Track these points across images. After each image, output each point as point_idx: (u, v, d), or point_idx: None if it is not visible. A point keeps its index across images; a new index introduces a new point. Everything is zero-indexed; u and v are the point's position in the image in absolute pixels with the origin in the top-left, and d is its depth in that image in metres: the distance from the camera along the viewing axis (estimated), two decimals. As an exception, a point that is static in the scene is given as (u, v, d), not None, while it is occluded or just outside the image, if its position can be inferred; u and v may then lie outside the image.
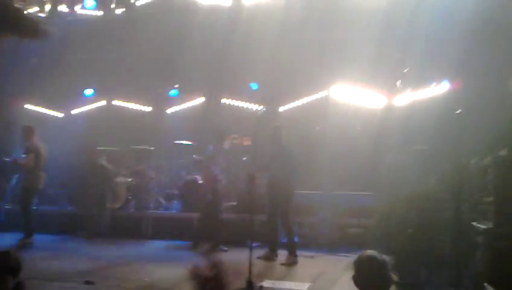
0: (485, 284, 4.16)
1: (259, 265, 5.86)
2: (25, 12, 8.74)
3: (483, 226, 4.57)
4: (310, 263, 6.81)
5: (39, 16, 10.79)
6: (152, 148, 10.37)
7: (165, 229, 8.89)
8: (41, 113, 11.91)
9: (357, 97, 9.65)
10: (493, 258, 4.20)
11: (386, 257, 3.04)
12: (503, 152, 4.94)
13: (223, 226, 8.02)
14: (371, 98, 9.55)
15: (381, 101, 9.41)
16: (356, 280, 2.89)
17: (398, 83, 8.14)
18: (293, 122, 9.37)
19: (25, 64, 11.34)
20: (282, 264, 6.70)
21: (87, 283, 5.33)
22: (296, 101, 10.59)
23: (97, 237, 8.55)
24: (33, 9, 10.99)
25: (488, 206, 4.77)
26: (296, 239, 7.62)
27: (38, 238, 8.10)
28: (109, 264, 6.58)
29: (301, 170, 7.19)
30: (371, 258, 2.98)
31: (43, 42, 11.03)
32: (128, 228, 8.98)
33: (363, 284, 2.91)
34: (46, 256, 7.05)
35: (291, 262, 6.68)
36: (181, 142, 10.26)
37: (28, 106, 11.78)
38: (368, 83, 9.44)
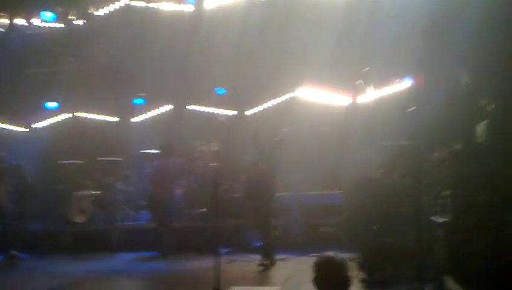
0: (444, 276, 4.24)
1: (228, 272, 5.80)
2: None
3: (441, 220, 4.67)
4: (280, 265, 6.81)
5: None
6: (119, 159, 10.22)
7: (135, 241, 8.76)
8: (3, 129, 11.58)
9: (322, 97, 9.75)
10: (451, 250, 4.29)
11: (344, 257, 3.07)
12: (458, 145, 5.07)
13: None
14: (336, 98, 9.67)
15: (346, 100, 9.53)
16: (316, 282, 2.91)
17: (358, 82, 8.26)
18: (260, 126, 9.40)
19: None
20: (259, 265, 6.67)
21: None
22: (264, 104, 10.63)
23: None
24: (-11, 23, 10.75)
25: (446, 200, 4.87)
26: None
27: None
28: (80, 280, 6.47)
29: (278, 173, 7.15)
30: (329, 259, 2.99)
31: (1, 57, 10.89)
32: (97, 241, 8.81)
33: (323, 285, 2.93)
34: (9, 275, 6.87)
35: (268, 265, 6.64)
36: (148, 151, 10.14)
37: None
38: (332, 83, 9.55)
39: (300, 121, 9.35)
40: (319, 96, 9.84)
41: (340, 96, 9.63)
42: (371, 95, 9.05)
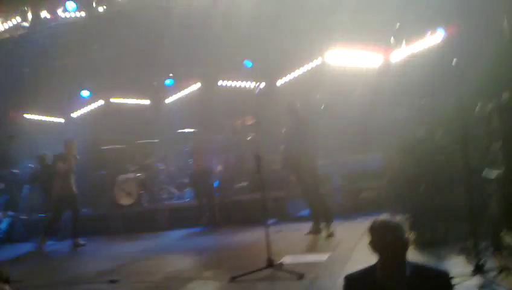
0: (501, 232, 4.15)
1: (277, 242, 5.84)
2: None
3: (493, 174, 4.54)
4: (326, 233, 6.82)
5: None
6: (156, 140, 10.38)
7: (181, 219, 8.97)
8: (42, 121, 11.91)
9: (352, 60, 9.53)
10: (507, 204, 4.18)
11: (399, 219, 3.04)
12: (505, 95, 4.87)
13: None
14: (366, 59, 9.42)
15: (377, 60, 9.28)
16: (373, 246, 2.89)
17: (392, 39, 8.01)
18: (292, 95, 9.30)
19: (17, 75, 11.30)
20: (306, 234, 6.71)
21: (112, 282, 5.38)
22: (293, 73, 10.49)
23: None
24: (15, 20, 10.90)
25: (496, 153, 4.72)
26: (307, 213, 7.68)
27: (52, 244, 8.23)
28: (130, 261, 6.64)
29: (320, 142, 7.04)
30: (385, 223, 2.97)
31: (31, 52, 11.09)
32: (145, 222, 9.07)
33: (380, 249, 2.91)
34: (66, 260, 7.16)
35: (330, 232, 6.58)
36: (184, 130, 10.25)
37: (28, 116, 11.78)
38: (362, 42, 9.28)
39: (332, 86, 9.20)
40: (348, 58, 9.62)
41: (371, 55, 9.38)
42: (403, 51, 8.79)
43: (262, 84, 10.01)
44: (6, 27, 10.94)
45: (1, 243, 8.83)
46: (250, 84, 10.81)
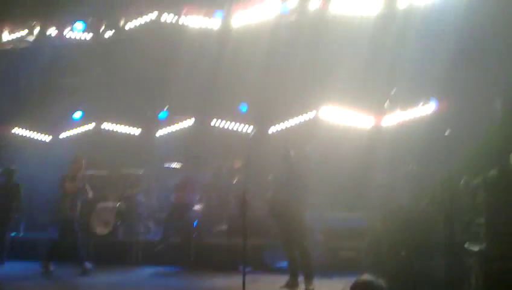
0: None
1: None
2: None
3: (475, 248, 4.54)
4: (302, 287, 6.67)
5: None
6: (141, 172, 10.26)
7: (155, 255, 8.71)
8: (28, 137, 11.75)
9: (345, 118, 9.70)
10: (486, 280, 4.16)
11: (382, 282, 2.99)
12: (493, 172, 4.95)
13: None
14: (359, 119, 9.60)
15: (370, 122, 9.46)
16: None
17: (386, 104, 8.20)
18: (283, 144, 9.36)
19: (13, 87, 11.27)
20: (281, 287, 6.54)
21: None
22: (286, 122, 10.61)
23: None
24: (21, 33, 11.01)
25: (479, 228, 4.75)
26: (285, 264, 7.53)
27: (26, 266, 7.90)
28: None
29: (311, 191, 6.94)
30: (367, 283, 2.93)
31: (30, 66, 11.13)
32: (117, 254, 8.79)
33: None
34: (32, 285, 6.86)
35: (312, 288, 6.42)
36: (170, 165, 10.17)
37: (15, 130, 11.64)
38: (356, 104, 9.51)
39: (323, 140, 9.30)
40: (342, 116, 9.80)
41: (364, 117, 9.57)
42: (396, 117, 8.99)
43: (254, 130, 10.09)
44: (11, 38, 11.06)
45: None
46: (242, 128, 10.87)
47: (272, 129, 10.63)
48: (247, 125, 10.87)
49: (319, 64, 9.75)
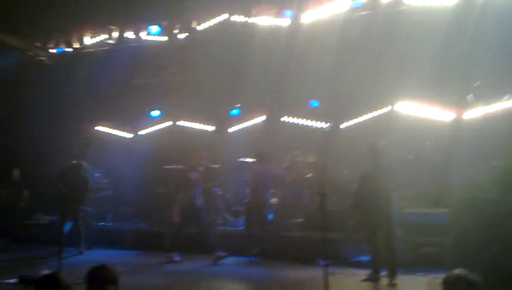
0: None
1: (332, 284, 5.73)
2: None
3: None
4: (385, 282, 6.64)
5: None
6: (217, 166, 10.60)
7: (232, 246, 8.98)
8: (111, 134, 12.49)
9: (423, 112, 9.47)
10: None
11: (475, 277, 2.95)
12: None
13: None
14: (437, 113, 9.33)
15: (449, 116, 9.17)
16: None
17: (470, 97, 7.92)
18: (356, 140, 9.31)
19: (95, 89, 12.00)
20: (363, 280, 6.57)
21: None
22: (359, 118, 10.52)
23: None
24: (102, 37, 11.70)
25: None
26: (367, 259, 7.52)
27: (116, 254, 8.43)
28: (183, 280, 6.73)
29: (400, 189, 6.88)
30: (461, 278, 2.90)
31: (111, 68, 11.81)
32: (197, 243, 9.14)
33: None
34: (124, 271, 7.29)
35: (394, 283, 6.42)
36: (245, 159, 10.44)
37: (99, 128, 12.40)
38: (435, 98, 9.24)
39: (400, 134, 9.13)
40: (419, 110, 9.57)
41: (442, 111, 9.29)
42: (478, 110, 8.66)
43: (330, 124, 10.08)
44: (93, 42, 11.79)
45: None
46: (313, 124, 10.92)
47: (344, 125, 10.58)
48: (318, 121, 10.92)
49: (393, 58, 9.56)
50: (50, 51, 11.95)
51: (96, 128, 12.33)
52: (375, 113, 10.30)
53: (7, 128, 11.02)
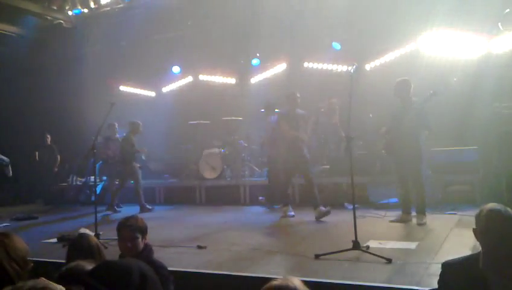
0: None
1: (360, 227, 5.76)
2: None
3: None
4: (415, 222, 6.64)
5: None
6: (240, 118, 10.61)
7: (260, 195, 9.14)
8: (135, 93, 12.59)
9: (449, 46, 9.04)
10: None
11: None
12: None
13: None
14: (465, 46, 8.88)
15: (478, 48, 8.72)
16: (480, 234, 2.75)
17: (500, 24, 7.45)
18: (381, 80, 9.05)
19: (116, 48, 11.98)
20: (392, 221, 6.61)
21: (200, 247, 5.64)
22: (382, 58, 10.18)
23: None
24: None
25: None
26: (396, 200, 7.52)
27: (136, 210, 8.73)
28: (215, 230, 6.88)
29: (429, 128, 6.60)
30: (496, 211, 2.82)
31: (129, 26, 11.72)
32: (226, 195, 9.36)
33: (489, 238, 2.78)
34: (156, 225, 7.56)
35: (424, 222, 6.37)
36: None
37: (122, 88, 12.50)
38: (461, 27, 8.77)
39: (426, 73, 8.80)
40: (445, 44, 9.13)
41: (471, 42, 8.84)
42: (508, 40, 8.19)
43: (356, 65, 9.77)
44: (108, 1, 11.66)
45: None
46: (336, 67, 10.65)
47: (368, 66, 10.27)
48: (341, 65, 10.64)
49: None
50: (68, 13, 11.92)
51: (120, 88, 12.43)
52: (399, 52, 9.92)
53: (34, 95, 11.23)
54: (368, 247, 5.05)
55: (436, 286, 3.49)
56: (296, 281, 1.68)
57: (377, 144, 8.04)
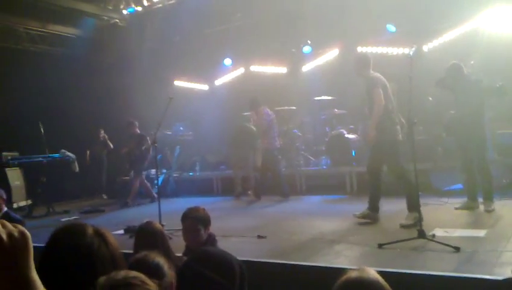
0: None
1: (426, 214, 5.57)
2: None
3: None
4: (482, 209, 6.35)
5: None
6: (294, 107, 10.54)
7: (317, 185, 9.08)
8: (189, 88, 12.83)
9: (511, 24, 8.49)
10: None
11: None
12: None
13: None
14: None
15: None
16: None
17: None
18: (441, 61, 8.66)
19: (170, 44, 12.23)
20: (457, 208, 6.37)
21: (260, 237, 5.69)
22: (441, 38, 9.73)
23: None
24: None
25: None
26: (460, 186, 7.21)
27: (203, 200, 8.91)
28: (274, 220, 6.92)
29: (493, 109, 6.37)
30: None
31: (180, 21, 11.90)
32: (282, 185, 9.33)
33: None
34: (217, 215, 7.71)
35: (492, 209, 6.10)
36: (321, 98, 10.24)
37: (177, 82, 12.77)
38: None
39: (488, 52, 8.33)
40: (507, 21, 8.58)
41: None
42: None
43: (415, 47, 9.43)
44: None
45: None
46: (392, 50, 10.30)
47: (426, 47, 9.86)
48: (396, 47, 10.27)
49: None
50: (122, 12, 12.29)
51: (175, 82, 12.70)
52: (459, 30, 9.43)
53: (90, 92, 11.67)
54: (433, 235, 4.88)
55: (510, 274, 3.34)
56: (374, 273, 1.65)
57: (438, 127, 7.74)
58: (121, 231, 6.55)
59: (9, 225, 1.06)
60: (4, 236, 1.03)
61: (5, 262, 1.02)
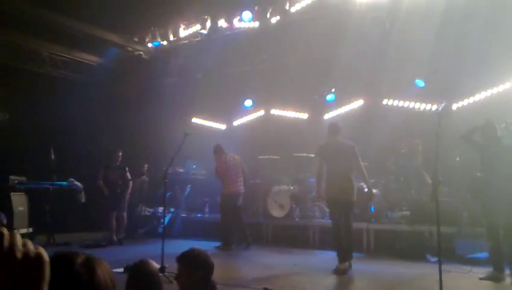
0: None
1: (447, 282, 5.03)
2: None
3: None
4: (509, 281, 5.76)
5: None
6: (312, 155, 10.14)
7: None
8: (206, 126, 12.60)
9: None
10: None
11: None
12: None
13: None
14: None
15: None
16: None
17: None
18: (470, 121, 8.29)
19: (192, 80, 12.13)
20: (481, 279, 5.81)
21: (266, 289, 5.23)
22: (472, 97, 9.39)
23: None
24: (195, 28, 11.74)
25: None
26: (486, 255, 6.65)
27: (210, 244, 8.44)
28: (283, 273, 6.50)
29: None
30: None
31: (204, 59, 11.86)
32: (294, 236, 8.84)
33: None
34: (222, 263, 7.21)
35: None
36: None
37: (194, 120, 12.57)
38: None
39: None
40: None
41: None
42: None
43: (444, 104, 9.12)
44: (187, 34, 11.89)
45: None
46: (419, 105, 9.97)
47: (456, 105, 9.52)
48: (424, 103, 9.95)
49: (505, 26, 8.38)
50: (148, 45, 12.30)
51: (192, 120, 12.51)
52: (491, 91, 9.10)
53: (105, 121, 11.50)
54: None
55: None
56: None
57: (464, 189, 7.27)
58: (121, 269, 6.11)
59: (31, 245, 1.03)
60: (19, 254, 1.00)
61: (13, 280, 0.99)
